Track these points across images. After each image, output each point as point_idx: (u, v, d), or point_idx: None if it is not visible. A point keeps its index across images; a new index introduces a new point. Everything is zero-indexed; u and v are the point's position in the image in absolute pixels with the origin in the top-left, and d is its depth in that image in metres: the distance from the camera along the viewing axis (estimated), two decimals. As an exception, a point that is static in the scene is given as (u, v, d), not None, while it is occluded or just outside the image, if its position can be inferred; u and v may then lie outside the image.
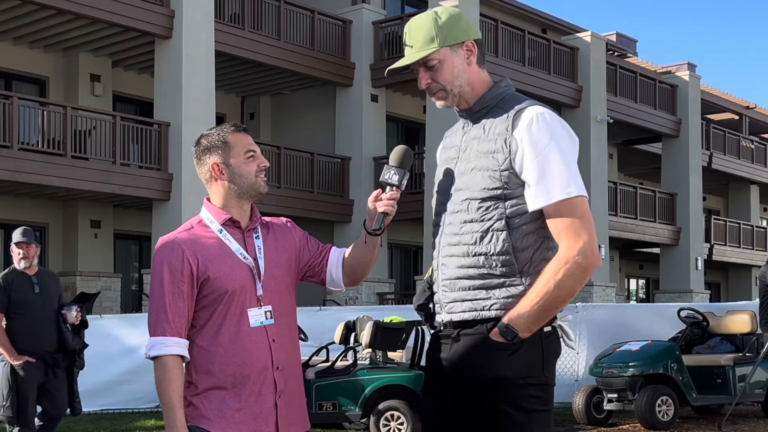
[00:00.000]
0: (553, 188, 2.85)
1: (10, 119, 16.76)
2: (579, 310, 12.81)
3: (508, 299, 2.92)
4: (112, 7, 17.77)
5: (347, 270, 3.28)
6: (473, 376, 2.94)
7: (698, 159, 29.51)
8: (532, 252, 2.94)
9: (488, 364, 2.91)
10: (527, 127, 2.90)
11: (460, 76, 3.03)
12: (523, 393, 2.91)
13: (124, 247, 21.31)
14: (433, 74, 3.04)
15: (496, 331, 2.90)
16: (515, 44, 23.79)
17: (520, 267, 2.93)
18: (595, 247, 2.88)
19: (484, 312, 2.94)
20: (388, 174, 3.10)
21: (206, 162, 3.20)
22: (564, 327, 3.03)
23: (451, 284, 3.01)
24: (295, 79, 22.75)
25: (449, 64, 3.02)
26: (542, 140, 2.88)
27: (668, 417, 10.46)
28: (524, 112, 2.93)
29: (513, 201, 2.92)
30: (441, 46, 3.00)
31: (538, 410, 2.94)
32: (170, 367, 3.04)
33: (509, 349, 2.89)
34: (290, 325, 3.22)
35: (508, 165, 2.91)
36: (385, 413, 9.51)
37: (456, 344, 3.00)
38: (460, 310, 2.99)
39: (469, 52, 3.03)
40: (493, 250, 2.93)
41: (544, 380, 2.96)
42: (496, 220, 2.93)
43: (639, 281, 35.78)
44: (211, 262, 3.09)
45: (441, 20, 3.02)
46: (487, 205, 2.94)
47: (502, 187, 2.92)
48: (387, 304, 21.20)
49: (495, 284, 2.94)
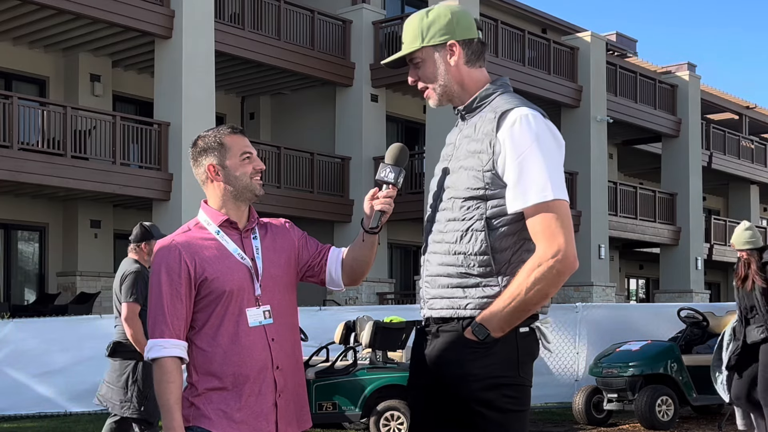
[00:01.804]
0: (529, 191, 2.86)
1: (10, 119, 16.76)
2: (579, 310, 12.81)
3: (483, 299, 2.93)
4: (112, 7, 17.77)
5: (346, 269, 3.28)
6: (446, 372, 2.96)
7: (698, 159, 29.52)
8: (510, 253, 2.94)
9: (460, 362, 2.93)
10: (510, 129, 2.91)
11: (443, 76, 3.05)
12: (497, 392, 2.91)
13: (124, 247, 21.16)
14: (418, 72, 3.09)
15: (469, 329, 2.92)
16: (515, 44, 23.79)
17: (498, 268, 2.94)
18: (571, 250, 2.86)
19: (460, 311, 2.96)
20: (384, 172, 3.11)
21: (202, 163, 3.21)
22: (542, 329, 3.02)
23: (432, 281, 3.05)
24: (295, 79, 22.75)
25: (431, 62, 3.05)
26: (523, 142, 2.89)
27: (668, 417, 10.46)
28: (509, 114, 2.93)
29: (494, 202, 2.93)
30: (423, 45, 3.04)
31: (513, 410, 2.94)
32: (168, 368, 3.05)
33: (482, 348, 2.91)
34: (290, 324, 3.23)
35: (491, 166, 2.92)
36: (385, 413, 9.51)
37: (435, 340, 3.02)
38: (438, 307, 3.02)
39: (451, 52, 3.04)
40: (471, 250, 2.95)
41: (519, 381, 2.95)
42: (476, 220, 2.95)
43: (639, 281, 35.79)
44: (209, 264, 3.11)
45: (426, 19, 3.05)
46: (468, 204, 2.96)
47: (484, 187, 2.93)
48: (387, 304, 21.21)
49: (471, 284, 2.96)
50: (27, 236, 20.51)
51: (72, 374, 12.18)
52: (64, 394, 12.25)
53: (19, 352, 12.17)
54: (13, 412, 12.04)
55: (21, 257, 20.55)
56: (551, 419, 11.46)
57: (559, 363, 12.56)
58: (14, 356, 12.14)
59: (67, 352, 12.29)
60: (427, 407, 3.07)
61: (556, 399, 12.45)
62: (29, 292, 20.46)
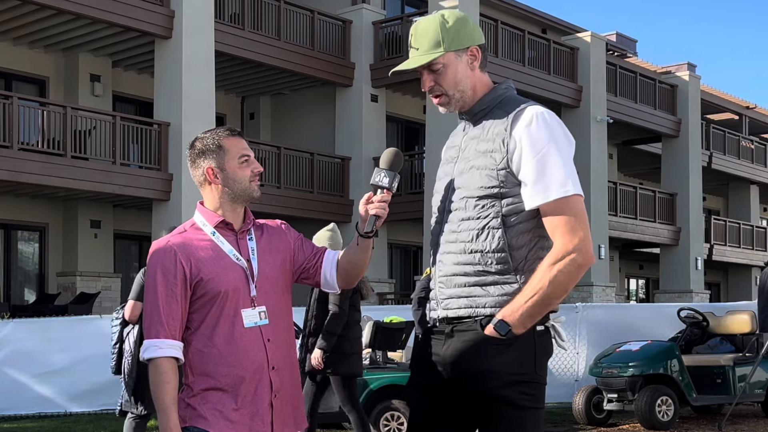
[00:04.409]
0: (551, 186, 2.90)
1: (10, 119, 16.76)
2: (579, 310, 12.81)
3: (502, 297, 2.96)
4: (112, 7, 17.77)
5: (341, 272, 3.29)
6: (466, 369, 2.98)
7: (698, 159, 29.51)
8: (527, 251, 2.97)
9: (480, 358, 2.95)
10: (527, 127, 2.95)
11: (463, 81, 3.07)
12: (515, 389, 2.94)
13: (124, 247, 21.31)
14: (437, 77, 3.08)
15: (490, 326, 2.94)
16: (515, 44, 23.79)
17: (515, 265, 2.97)
18: (590, 245, 2.92)
19: (480, 309, 2.98)
20: (379, 177, 3.12)
21: (201, 165, 3.22)
22: (557, 327, 3.07)
23: (448, 281, 3.06)
24: (295, 79, 22.75)
25: (453, 68, 3.06)
26: (541, 139, 2.93)
27: (668, 417, 10.46)
28: (524, 112, 2.98)
29: (509, 200, 2.96)
30: (447, 50, 3.04)
31: (530, 407, 2.97)
32: (164, 369, 3.06)
33: (502, 345, 2.93)
34: (285, 325, 3.24)
35: (505, 164, 2.95)
36: (385, 413, 9.51)
37: (450, 340, 3.04)
38: (455, 307, 3.03)
39: (473, 57, 3.07)
40: (488, 248, 2.97)
41: (536, 378, 2.99)
42: (492, 218, 2.97)
43: (639, 281, 35.79)
44: (204, 264, 3.12)
45: (448, 24, 3.05)
46: (483, 203, 2.98)
47: (499, 185, 2.96)
48: (387, 304, 21.18)
49: (490, 281, 2.98)
50: (27, 236, 20.52)
51: (72, 374, 12.19)
52: (64, 394, 12.25)
53: (19, 352, 12.17)
54: (13, 412, 12.04)
55: (21, 257, 20.55)
56: (551, 419, 11.46)
57: (559, 363, 12.56)
58: (14, 356, 12.14)
59: (67, 352, 12.29)
60: (430, 407, 3.08)
61: (556, 399, 12.45)
62: (29, 292, 20.47)
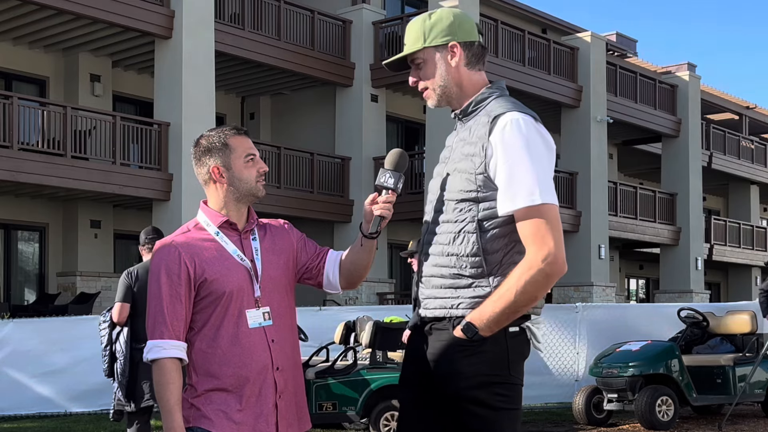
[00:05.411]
0: (518, 194, 2.90)
1: (10, 119, 16.75)
2: (579, 310, 12.81)
3: (474, 299, 2.98)
4: (112, 7, 17.77)
5: (344, 273, 3.29)
6: (436, 370, 3.02)
7: (698, 159, 29.51)
8: (501, 255, 2.98)
9: (449, 360, 2.99)
10: (501, 132, 2.95)
11: (444, 77, 3.09)
12: (488, 390, 2.96)
13: (124, 247, 21.28)
14: (419, 72, 3.14)
15: (458, 328, 2.97)
16: (515, 44, 23.78)
17: (489, 269, 2.98)
18: (560, 254, 2.90)
19: (453, 310, 3.01)
20: (384, 177, 3.13)
21: (206, 164, 3.19)
22: (532, 329, 3.06)
23: (427, 281, 3.10)
24: (295, 79, 22.74)
25: (431, 64, 3.10)
26: (513, 146, 2.93)
27: (668, 417, 10.46)
28: (501, 118, 2.98)
29: (486, 204, 2.98)
30: (425, 45, 3.09)
31: (505, 408, 2.98)
32: (168, 369, 3.05)
33: (471, 347, 2.95)
34: (289, 325, 3.24)
35: (483, 169, 2.97)
36: (385, 413, 9.50)
37: (428, 338, 3.08)
38: (432, 307, 3.07)
39: (453, 53, 3.08)
40: (463, 251, 2.99)
41: (510, 379, 3.00)
42: (468, 222, 2.99)
43: (639, 281, 35.79)
44: (208, 264, 3.10)
45: (429, 20, 3.10)
46: (461, 206, 3.01)
47: (477, 189, 2.97)
48: (387, 304, 21.19)
49: (463, 284, 3.00)
50: (27, 236, 20.51)
51: (72, 374, 12.18)
52: (64, 394, 12.24)
53: (19, 352, 12.16)
54: (13, 412, 12.04)
55: (21, 257, 20.55)
56: (551, 419, 11.46)
57: (559, 363, 12.56)
58: (14, 356, 12.13)
59: (67, 352, 12.28)
60: (416, 405, 3.12)
61: (556, 399, 12.45)
62: (29, 292, 20.46)
